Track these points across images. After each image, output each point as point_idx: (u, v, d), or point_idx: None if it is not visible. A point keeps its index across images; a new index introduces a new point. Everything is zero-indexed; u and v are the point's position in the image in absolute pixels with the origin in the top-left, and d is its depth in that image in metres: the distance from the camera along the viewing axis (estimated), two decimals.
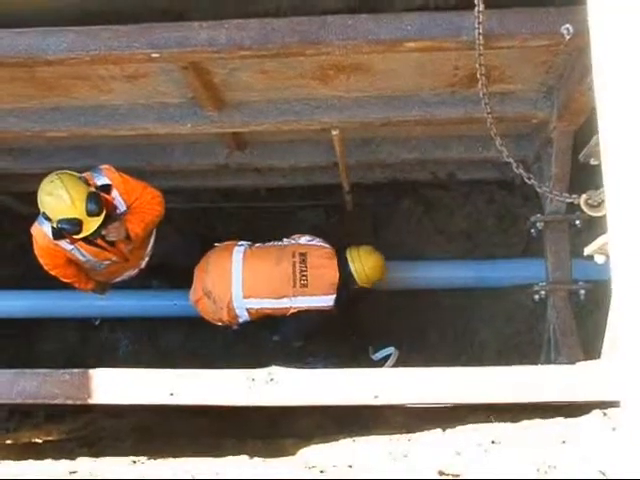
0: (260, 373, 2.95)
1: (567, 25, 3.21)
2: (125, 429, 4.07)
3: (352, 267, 4.89)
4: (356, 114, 4.19)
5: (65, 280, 4.91)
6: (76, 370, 3.04)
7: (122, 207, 4.54)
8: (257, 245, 4.96)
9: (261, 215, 5.90)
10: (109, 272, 5.02)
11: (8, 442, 4.10)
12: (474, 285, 5.33)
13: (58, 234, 4.38)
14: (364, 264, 4.90)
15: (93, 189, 4.29)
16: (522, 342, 5.22)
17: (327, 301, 4.74)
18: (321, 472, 2.42)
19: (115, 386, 3.02)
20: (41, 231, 4.50)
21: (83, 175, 4.36)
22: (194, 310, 5.03)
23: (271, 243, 4.98)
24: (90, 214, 4.22)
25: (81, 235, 4.30)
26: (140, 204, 4.59)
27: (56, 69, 3.80)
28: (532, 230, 4.52)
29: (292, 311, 4.77)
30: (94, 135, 4.51)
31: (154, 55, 3.43)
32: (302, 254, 4.78)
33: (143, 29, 3.43)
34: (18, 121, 4.37)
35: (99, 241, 4.53)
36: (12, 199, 5.88)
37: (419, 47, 3.40)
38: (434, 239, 5.71)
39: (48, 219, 4.28)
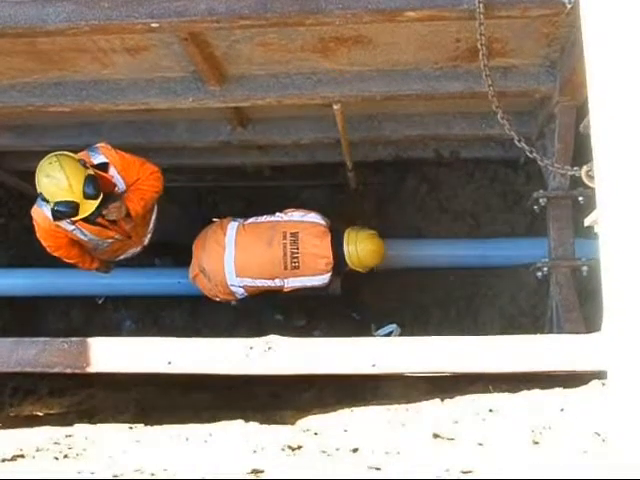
0: (258, 342, 2.95)
1: None
2: (125, 403, 4.08)
3: (345, 249, 4.75)
4: (357, 88, 4.17)
5: (69, 261, 4.89)
6: (75, 339, 3.04)
7: (121, 185, 4.51)
8: (249, 221, 4.89)
9: (265, 194, 5.88)
10: (112, 250, 5.01)
11: (11, 415, 4.12)
12: (478, 264, 5.30)
13: (57, 215, 4.36)
14: (358, 248, 4.75)
15: (91, 172, 4.26)
16: (525, 320, 5.20)
17: (321, 280, 4.71)
18: (315, 434, 2.42)
19: (113, 355, 3.02)
20: (41, 213, 4.45)
21: (81, 158, 4.31)
22: (198, 288, 5.02)
23: (264, 218, 4.88)
24: (87, 197, 4.20)
25: (77, 217, 4.29)
26: (139, 182, 4.58)
27: (57, 41, 3.80)
28: (535, 207, 4.48)
29: (287, 290, 4.78)
30: (96, 110, 4.49)
31: (153, 25, 3.40)
32: (293, 234, 4.68)
33: None
34: (20, 96, 4.37)
35: (100, 220, 4.50)
36: (16, 178, 5.87)
37: (419, 16, 3.34)
38: (438, 218, 5.69)
39: (46, 200, 4.26)
